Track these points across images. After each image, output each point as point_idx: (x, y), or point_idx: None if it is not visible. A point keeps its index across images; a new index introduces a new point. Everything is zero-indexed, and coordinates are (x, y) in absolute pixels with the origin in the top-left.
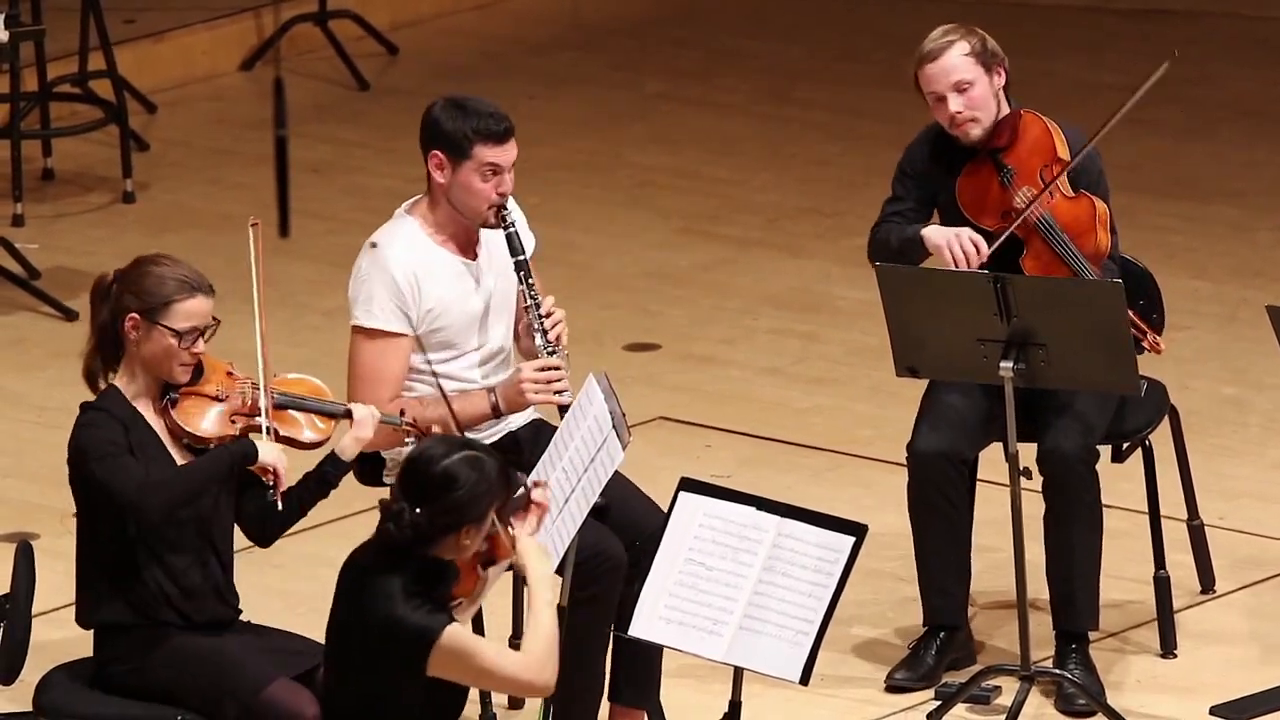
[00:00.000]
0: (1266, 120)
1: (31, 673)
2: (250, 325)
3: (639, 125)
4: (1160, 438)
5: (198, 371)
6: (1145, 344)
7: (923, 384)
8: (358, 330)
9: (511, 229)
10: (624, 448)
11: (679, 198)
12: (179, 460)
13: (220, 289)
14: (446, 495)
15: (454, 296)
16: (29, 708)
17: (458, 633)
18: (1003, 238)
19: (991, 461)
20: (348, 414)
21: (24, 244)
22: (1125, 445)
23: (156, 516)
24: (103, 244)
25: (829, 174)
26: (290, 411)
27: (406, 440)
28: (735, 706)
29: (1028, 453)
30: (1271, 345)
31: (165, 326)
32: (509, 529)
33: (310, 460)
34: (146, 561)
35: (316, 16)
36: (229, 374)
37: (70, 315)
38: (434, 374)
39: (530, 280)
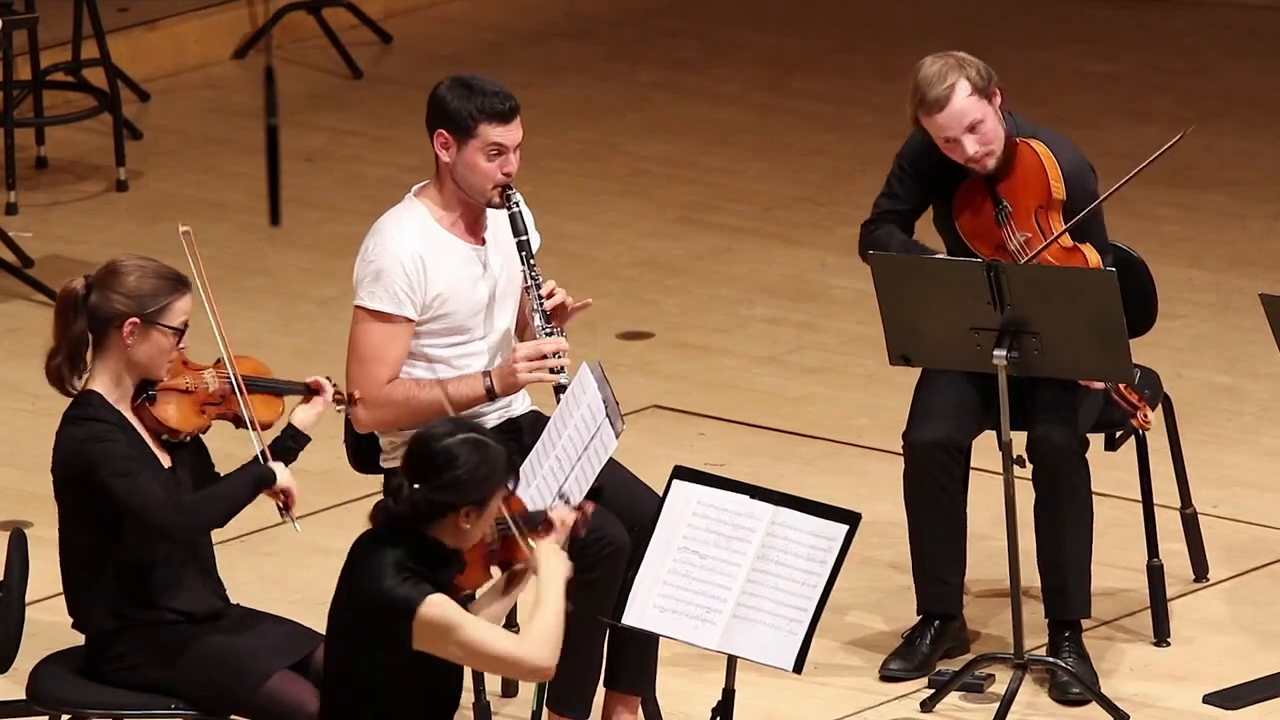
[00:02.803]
0: (1260, 109)
1: (25, 660)
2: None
3: (634, 115)
4: (1154, 426)
5: None
6: (1135, 422)
7: (917, 372)
8: (361, 310)
9: (516, 210)
10: (617, 436)
11: (674, 187)
12: (162, 458)
13: (210, 278)
14: (446, 473)
15: (462, 281)
16: (22, 695)
17: (441, 603)
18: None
19: (985, 450)
20: (298, 389)
21: (18, 232)
22: (1118, 434)
23: (189, 535)
24: (96, 232)
25: (824, 164)
26: (248, 394)
27: (337, 409)
28: (729, 695)
29: (1021, 441)
30: (1265, 334)
31: (165, 326)
32: (531, 538)
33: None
34: (139, 561)
35: (310, 4)
36: (186, 363)
37: None
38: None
39: (531, 261)
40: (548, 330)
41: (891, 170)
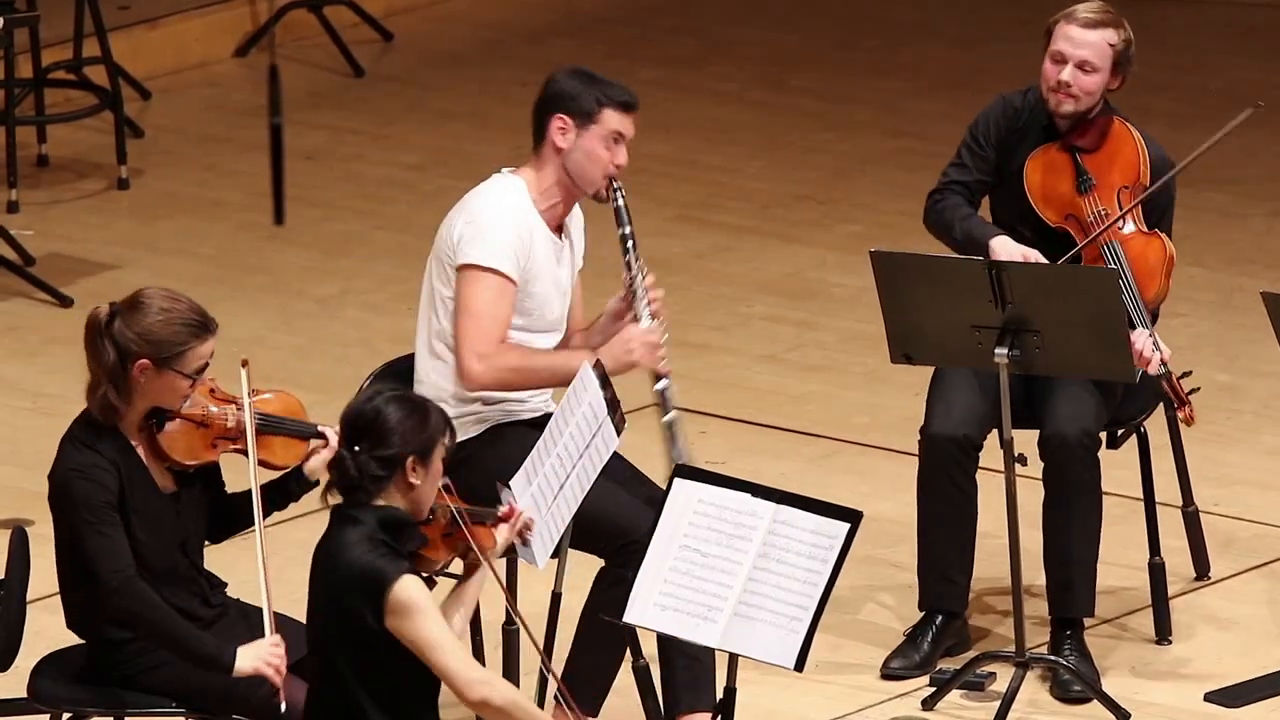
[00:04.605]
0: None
1: (26, 659)
2: (235, 318)
3: None
4: (1155, 424)
5: None
6: (1181, 414)
7: (918, 371)
8: (473, 269)
9: (621, 201)
10: (619, 434)
11: (673, 185)
12: (160, 483)
13: (210, 276)
14: (380, 427)
15: (548, 267)
16: (23, 694)
17: (414, 585)
18: (1070, 255)
19: (988, 448)
20: (319, 435)
21: (19, 230)
22: (1120, 432)
23: (116, 614)
24: (97, 230)
25: (823, 161)
26: (267, 435)
27: None
28: (730, 693)
29: (1023, 439)
30: (1266, 332)
31: (178, 371)
32: (481, 532)
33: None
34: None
35: (311, 3)
36: (211, 391)
37: (65, 302)
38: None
39: (637, 253)
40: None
41: (962, 141)
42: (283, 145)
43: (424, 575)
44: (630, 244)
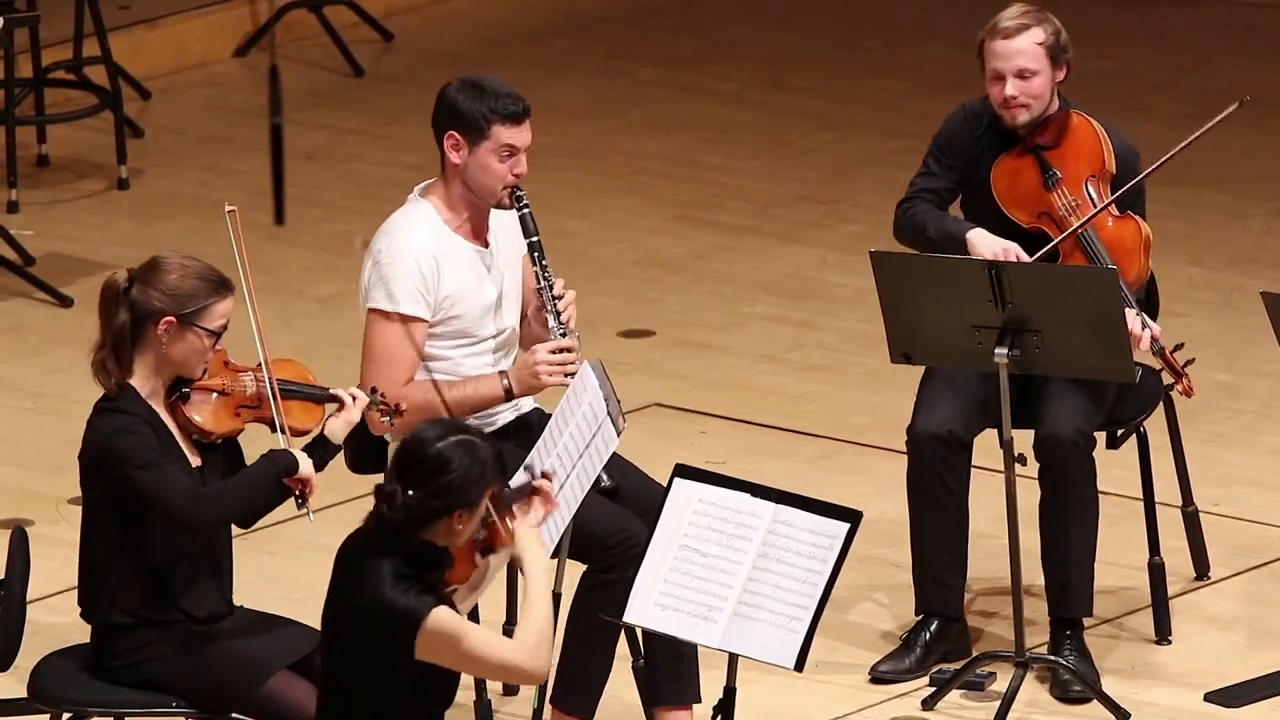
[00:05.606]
0: (1261, 107)
1: (26, 658)
2: (244, 311)
3: (634, 112)
4: (1155, 424)
5: None
6: (1179, 387)
7: (918, 371)
8: (376, 313)
9: (526, 210)
10: (619, 434)
11: (674, 185)
12: (190, 457)
13: None
14: (439, 478)
15: (469, 284)
16: (24, 694)
17: (445, 615)
18: (1047, 248)
19: (987, 448)
20: (334, 398)
21: (19, 230)
22: (1120, 432)
23: (209, 527)
24: (97, 230)
25: (823, 161)
26: (286, 400)
27: (381, 420)
28: (730, 693)
29: (1022, 439)
30: (1266, 332)
31: (201, 328)
32: (509, 518)
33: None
34: (156, 559)
35: (311, 3)
36: (226, 364)
37: (65, 302)
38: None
39: (544, 262)
40: (562, 332)
41: (928, 151)
42: (283, 145)
43: (451, 590)
44: (537, 254)
